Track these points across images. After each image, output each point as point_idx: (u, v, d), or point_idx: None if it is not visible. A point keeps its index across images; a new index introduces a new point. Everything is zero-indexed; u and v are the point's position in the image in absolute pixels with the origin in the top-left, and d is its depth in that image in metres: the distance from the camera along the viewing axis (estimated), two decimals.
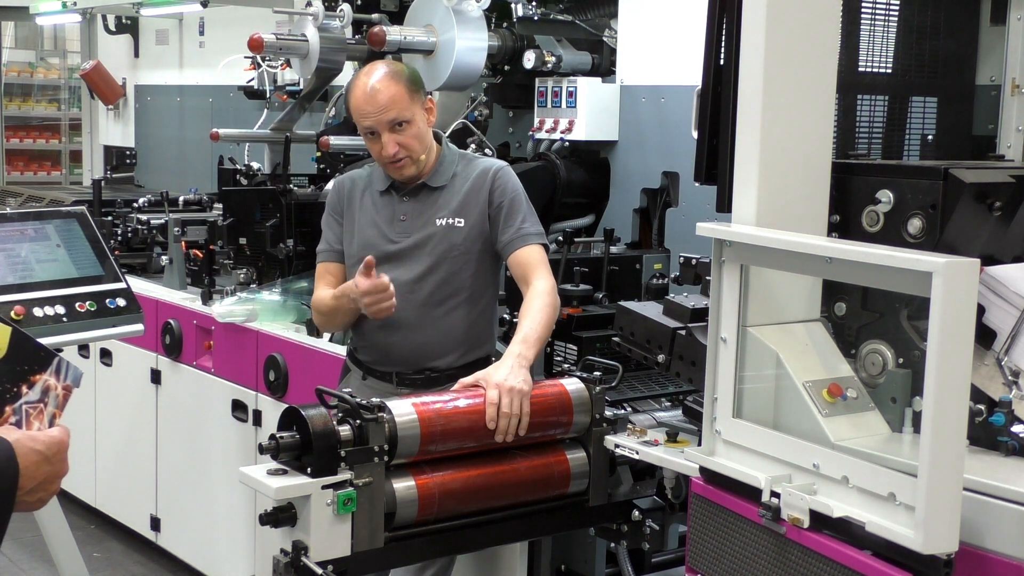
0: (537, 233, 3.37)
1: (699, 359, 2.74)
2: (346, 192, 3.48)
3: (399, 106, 3.26)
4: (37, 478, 1.78)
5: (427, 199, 3.37)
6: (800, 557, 2.33)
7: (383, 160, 3.32)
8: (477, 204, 3.34)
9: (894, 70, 3.18)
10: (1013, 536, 2.21)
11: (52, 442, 1.80)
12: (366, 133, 3.32)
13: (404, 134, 3.28)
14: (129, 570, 5.14)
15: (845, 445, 2.34)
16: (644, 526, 3.11)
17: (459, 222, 3.33)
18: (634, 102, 4.23)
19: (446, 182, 3.37)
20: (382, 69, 3.32)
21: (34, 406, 1.82)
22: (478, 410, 2.92)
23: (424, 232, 3.35)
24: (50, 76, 11.27)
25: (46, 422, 1.82)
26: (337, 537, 2.69)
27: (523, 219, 3.35)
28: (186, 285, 5.04)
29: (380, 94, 3.26)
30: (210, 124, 6.15)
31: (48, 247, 3.66)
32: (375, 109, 3.26)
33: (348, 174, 3.58)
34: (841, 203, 2.68)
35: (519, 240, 3.33)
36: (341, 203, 3.47)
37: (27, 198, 7.09)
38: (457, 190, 3.37)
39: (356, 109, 3.31)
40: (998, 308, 2.59)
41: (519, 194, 3.38)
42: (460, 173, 3.39)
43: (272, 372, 4.23)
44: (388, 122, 3.26)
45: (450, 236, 3.33)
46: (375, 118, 3.27)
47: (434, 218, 3.35)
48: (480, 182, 3.36)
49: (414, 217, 3.37)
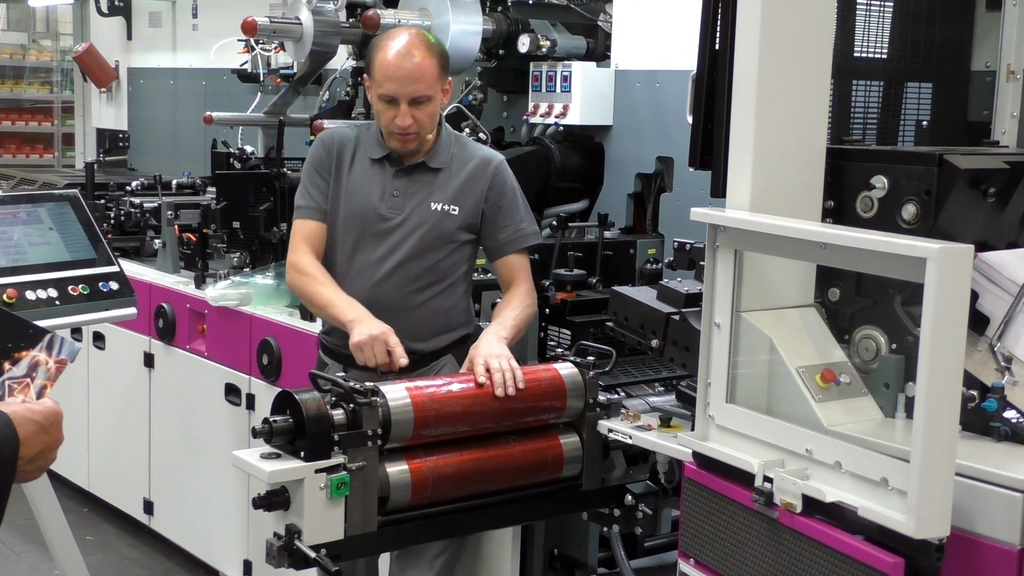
0: (533, 233, 3.41)
1: (693, 344, 2.74)
2: (335, 149, 3.36)
3: (427, 80, 3.19)
4: (37, 447, 1.82)
5: (422, 178, 3.32)
6: (793, 542, 2.34)
7: (392, 129, 3.23)
8: (473, 195, 3.32)
9: (889, 56, 3.18)
10: (1004, 521, 2.22)
11: (48, 412, 1.84)
12: (382, 98, 3.21)
13: (422, 110, 3.21)
14: (122, 553, 5.15)
15: (838, 430, 2.35)
16: (637, 511, 3.12)
17: (453, 210, 3.30)
18: (629, 87, 4.22)
19: (443, 164, 3.33)
20: (417, 38, 3.22)
21: (19, 381, 1.88)
22: (471, 395, 2.92)
23: (417, 214, 3.29)
24: (42, 58, 11.23)
25: (33, 395, 1.86)
26: (330, 521, 2.69)
27: (520, 219, 3.36)
28: (179, 269, 5.03)
29: (413, 64, 3.17)
30: (203, 107, 6.13)
31: (41, 230, 3.65)
32: (405, 77, 3.17)
33: (334, 131, 3.46)
34: (835, 189, 2.68)
35: (518, 241, 3.36)
36: (330, 160, 3.35)
37: (19, 181, 7.07)
38: (454, 175, 3.32)
39: (382, 72, 3.19)
40: (991, 294, 2.60)
41: (517, 191, 3.38)
42: (456, 156, 3.35)
43: (265, 356, 4.22)
44: (412, 94, 3.18)
45: (443, 223, 3.30)
46: (401, 87, 3.17)
47: (429, 201, 3.30)
48: (479, 173, 3.33)
49: (407, 195, 3.31)
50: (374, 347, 3.07)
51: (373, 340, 3.07)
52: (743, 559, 2.47)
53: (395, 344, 3.08)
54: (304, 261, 3.32)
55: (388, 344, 3.07)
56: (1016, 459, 2.32)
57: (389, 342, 3.07)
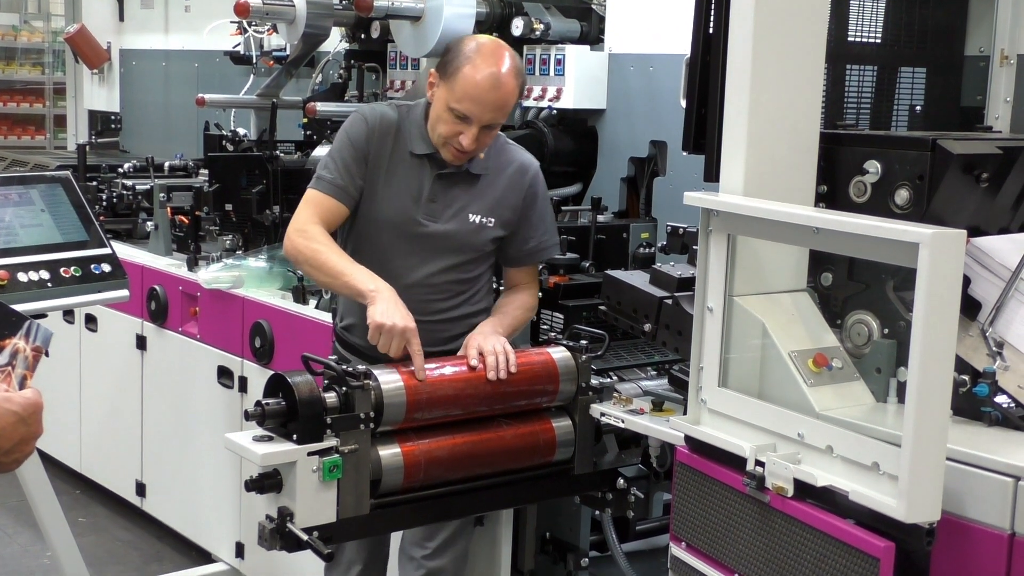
0: (555, 245, 3.34)
1: (685, 328, 2.74)
2: (378, 134, 3.13)
3: (507, 109, 3.05)
4: (13, 439, 1.79)
5: (461, 184, 3.15)
6: (784, 525, 2.35)
7: (453, 144, 3.04)
8: (509, 206, 3.19)
9: (883, 40, 3.18)
10: (994, 506, 2.23)
11: (27, 403, 1.81)
12: (454, 112, 3.00)
13: (489, 133, 3.07)
14: (114, 535, 5.15)
15: (830, 415, 2.35)
16: (629, 494, 3.12)
17: (489, 222, 3.17)
18: (622, 70, 4.21)
19: (484, 171, 3.17)
20: (510, 62, 3.03)
21: (2, 369, 1.85)
22: (464, 378, 2.92)
23: (454, 223, 3.15)
24: (34, 39, 11.17)
25: (15, 384, 1.84)
26: (323, 504, 2.69)
27: (546, 230, 3.28)
28: (171, 251, 5.02)
29: (501, 93, 2.99)
30: (196, 89, 6.11)
31: (32, 212, 3.64)
32: (490, 104, 2.99)
33: (377, 111, 3.18)
34: (829, 173, 2.68)
35: (541, 254, 3.30)
36: (370, 144, 3.12)
37: (11, 163, 7.04)
38: (492, 183, 3.18)
39: (465, 90, 2.98)
40: (983, 279, 2.60)
41: (547, 200, 3.31)
42: (494, 161, 3.19)
43: (258, 339, 4.22)
44: (490, 121, 3.02)
45: (478, 236, 3.17)
46: (482, 112, 2.99)
47: (467, 211, 3.15)
48: (516, 181, 3.21)
49: (446, 203, 3.14)
50: (394, 338, 2.86)
51: (395, 331, 2.86)
52: (734, 543, 2.48)
53: (417, 351, 2.86)
54: (313, 229, 3.08)
55: (410, 347, 2.87)
56: (1007, 444, 2.33)
57: (412, 345, 2.86)
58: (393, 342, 2.87)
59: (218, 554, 4.63)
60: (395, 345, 2.87)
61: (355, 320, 3.20)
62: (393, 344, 2.87)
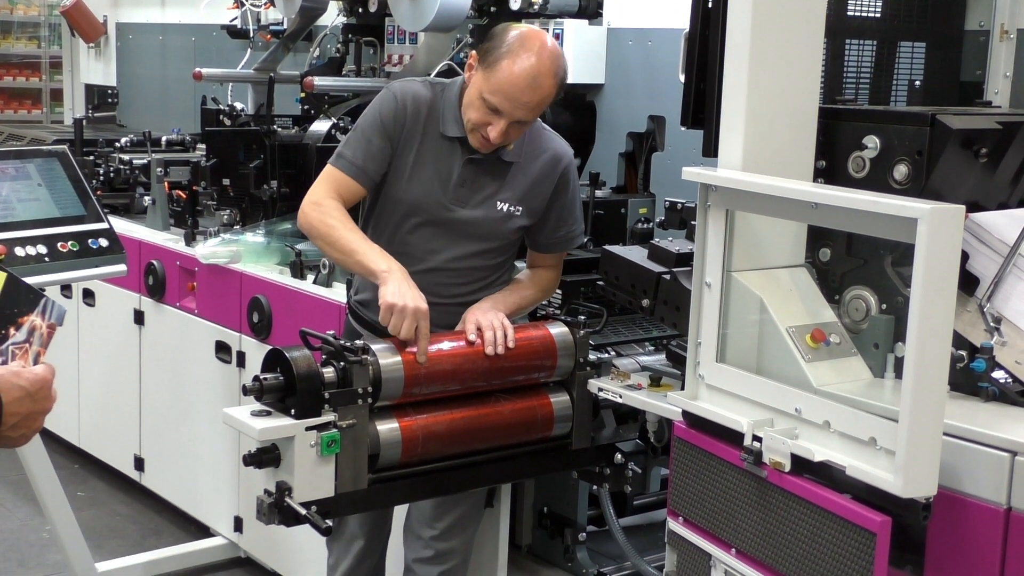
0: (581, 234, 3.29)
1: (683, 304, 2.74)
2: (409, 115, 3.05)
3: (540, 109, 2.99)
4: (20, 414, 1.80)
5: (492, 170, 3.09)
6: (781, 500, 2.35)
7: (481, 132, 2.99)
8: (539, 196, 3.14)
9: (883, 15, 3.17)
10: (991, 481, 2.23)
11: (36, 379, 1.82)
12: (487, 103, 2.94)
13: (520, 128, 3.01)
14: (113, 509, 5.16)
15: (827, 390, 2.36)
16: (626, 469, 3.13)
17: (517, 211, 3.12)
18: (621, 45, 4.20)
19: (515, 158, 3.11)
20: (552, 61, 2.95)
21: (20, 346, 1.86)
22: (462, 353, 2.93)
23: (481, 210, 3.10)
24: (30, 13, 11.11)
25: (31, 360, 1.84)
26: (321, 478, 2.70)
27: (575, 220, 3.24)
28: (169, 226, 5.00)
29: (537, 92, 2.92)
30: (193, 63, 6.09)
31: (29, 186, 3.63)
32: (523, 104, 2.93)
33: (410, 88, 3.09)
34: (827, 148, 2.68)
35: (568, 243, 3.26)
36: (401, 125, 3.05)
37: (7, 137, 7.03)
38: (523, 171, 3.12)
39: (500, 84, 2.91)
40: (981, 255, 2.60)
41: (577, 190, 3.25)
42: (527, 148, 3.13)
43: (256, 314, 4.22)
44: (521, 118, 2.96)
45: (506, 224, 3.12)
46: (513, 109, 2.93)
47: (495, 199, 3.10)
48: (548, 171, 3.15)
49: (475, 188, 3.09)
50: (405, 319, 2.83)
51: (407, 312, 2.83)
52: (731, 517, 2.49)
53: (424, 335, 2.84)
54: (329, 204, 3.03)
55: (419, 329, 2.84)
56: (1004, 419, 2.34)
57: (420, 328, 2.84)
58: (404, 323, 2.84)
59: (217, 528, 4.64)
60: (406, 326, 2.84)
61: (370, 296, 3.14)
62: (404, 325, 2.84)
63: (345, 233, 3.00)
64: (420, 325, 2.85)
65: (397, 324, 2.84)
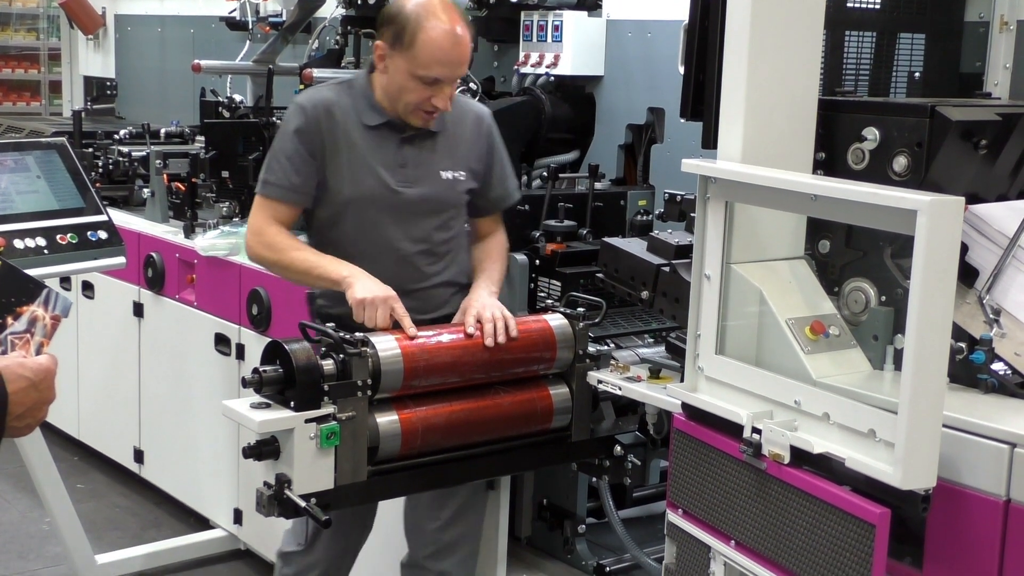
0: (516, 189, 3.40)
1: (683, 296, 2.74)
2: (324, 124, 3.09)
3: (469, 61, 3.09)
4: (25, 404, 1.80)
5: (425, 144, 3.16)
6: (780, 492, 2.35)
7: (425, 108, 3.05)
8: (474, 157, 3.22)
9: (882, 6, 3.16)
10: (990, 472, 2.23)
11: (40, 369, 1.82)
12: (424, 79, 3.00)
13: (453, 91, 3.10)
14: (112, 501, 5.17)
15: (827, 382, 2.36)
16: (626, 461, 3.13)
17: (461, 176, 3.18)
18: (620, 37, 4.19)
19: (441, 127, 3.17)
20: (456, 13, 3.04)
21: (20, 336, 1.86)
22: (462, 345, 2.93)
23: (428, 185, 3.14)
24: (28, 5, 11.09)
25: (32, 351, 1.85)
26: (320, 470, 2.70)
27: (507, 176, 3.34)
28: (168, 218, 5.01)
29: (462, 46, 3.02)
30: (192, 55, 6.07)
31: (28, 178, 3.63)
32: (456, 61, 3.02)
33: (316, 99, 3.14)
34: (827, 140, 2.67)
35: (506, 199, 3.35)
36: (319, 137, 3.08)
37: (6, 129, 7.02)
38: (452, 137, 3.19)
39: (431, 55, 2.97)
40: (981, 246, 2.60)
41: (502, 146, 3.33)
42: (450, 115, 3.16)
43: (255, 306, 4.22)
44: (460, 76, 3.07)
45: (453, 190, 3.18)
46: (452, 71, 3.02)
47: (437, 169, 3.15)
48: (475, 132, 3.23)
49: (416, 165, 3.14)
50: (378, 309, 2.90)
51: (377, 301, 2.91)
52: (731, 509, 2.49)
53: (403, 313, 2.91)
54: (271, 230, 3.09)
55: (395, 312, 2.91)
56: (1003, 411, 2.34)
57: (396, 310, 2.91)
58: (378, 312, 2.91)
59: (216, 520, 4.64)
60: (381, 314, 2.91)
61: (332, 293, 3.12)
62: (379, 313, 2.91)
63: (296, 254, 3.08)
64: (395, 308, 2.92)
65: (372, 315, 2.92)
